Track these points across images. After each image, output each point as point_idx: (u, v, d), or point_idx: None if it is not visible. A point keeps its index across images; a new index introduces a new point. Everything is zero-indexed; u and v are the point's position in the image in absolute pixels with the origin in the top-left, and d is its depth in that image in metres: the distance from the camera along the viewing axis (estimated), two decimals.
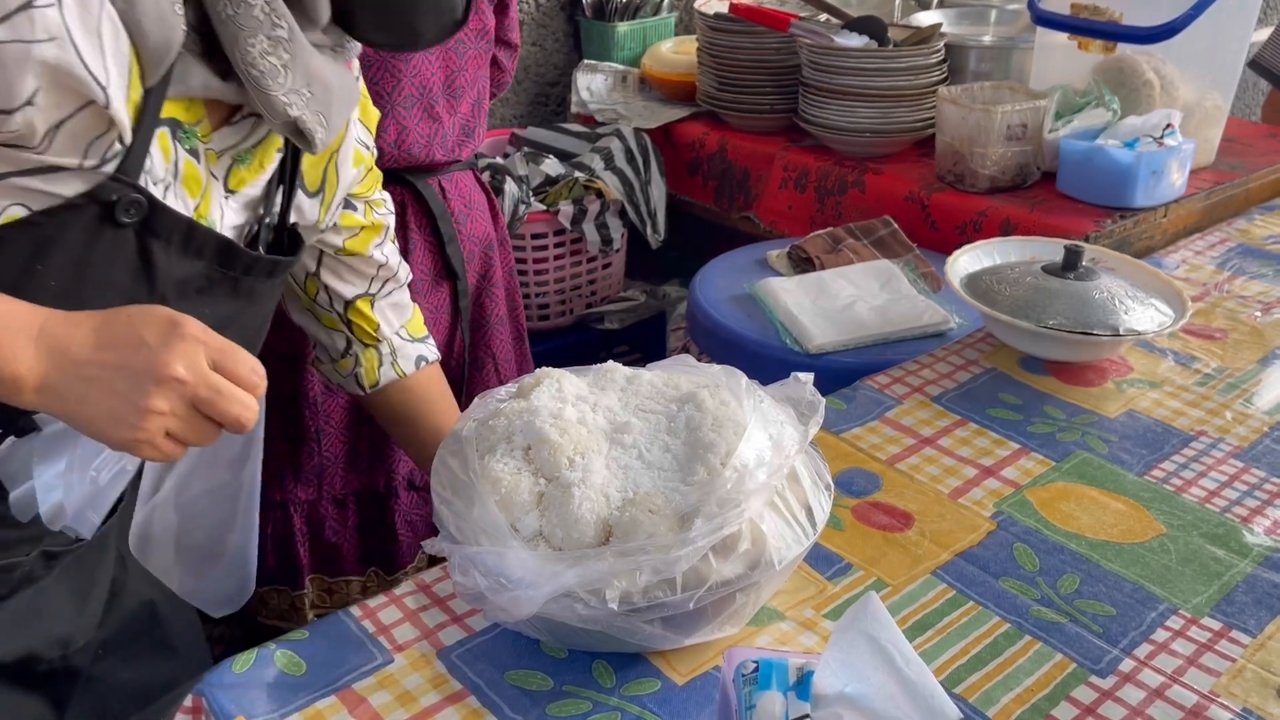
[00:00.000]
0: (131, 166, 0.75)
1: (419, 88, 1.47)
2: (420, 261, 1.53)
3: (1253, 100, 4.06)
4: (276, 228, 0.94)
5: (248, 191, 0.90)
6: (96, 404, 0.69)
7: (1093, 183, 1.76)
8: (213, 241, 0.84)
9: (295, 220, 0.96)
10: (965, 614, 0.93)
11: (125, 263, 0.78)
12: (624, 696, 0.83)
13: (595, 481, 0.82)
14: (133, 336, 0.69)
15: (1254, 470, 1.13)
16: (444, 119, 1.51)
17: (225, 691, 0.83)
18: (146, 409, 0.69)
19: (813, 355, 1.48)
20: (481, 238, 1.61)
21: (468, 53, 1.51)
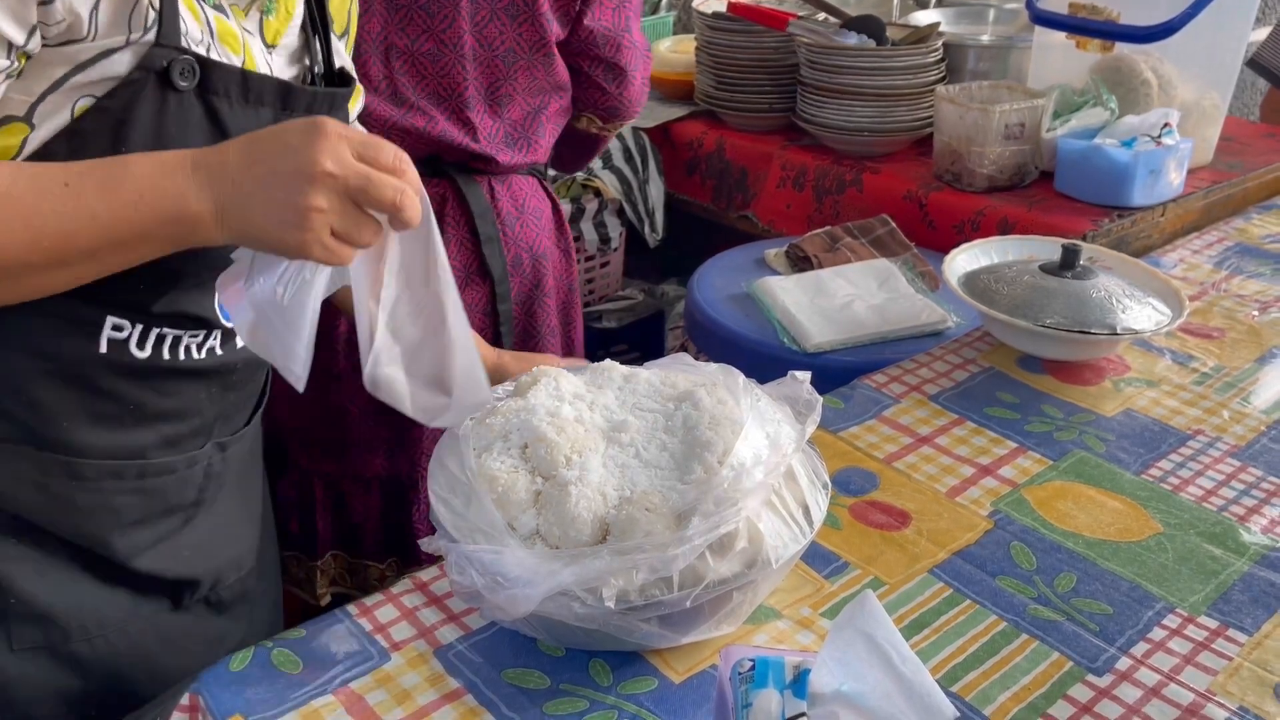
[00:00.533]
0: (169, 31, 0.78)
1: (447, 89, 1.43)
2: (454, 256, 1.51)
3: (1251, 100, 4.06)
4: (325, 75, 0.96)
5: (285, 43, 0.92)
6: (263, 215, 0.74)
7: (1090, 182, 1.76)
8: (270, 86, 0.87)
9: (340, 65, 0.99)
10: (962, 612, 0.93)
11: (197, 128, 0.82)
12: (621, 695, 0.83)
13: (592, 480, 0.82)
14: (278, 144, 0.74)
15: (1251, 469, 1.13)
16: (479, 123, 1.46)
17: (222, 689, 0.83)
18: (307, 208, 0.72)
19: (810, 354, 1.48)
20: (532, 245, 1.56)
21: (517, 63, 1.45)
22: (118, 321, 0.86)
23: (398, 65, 1.41)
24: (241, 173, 0.74)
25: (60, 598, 0.91)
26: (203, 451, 0.98)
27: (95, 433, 0.89)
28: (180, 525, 0.98)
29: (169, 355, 0.90)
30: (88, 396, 0.87)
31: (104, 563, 0.93)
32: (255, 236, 0.76)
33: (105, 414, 0.89)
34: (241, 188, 0.74)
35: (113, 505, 0.91)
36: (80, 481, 0.89)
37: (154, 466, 0.93)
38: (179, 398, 0.93)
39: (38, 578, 0.90)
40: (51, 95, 0.76)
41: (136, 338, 0.87)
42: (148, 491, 0.94)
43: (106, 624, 0.94)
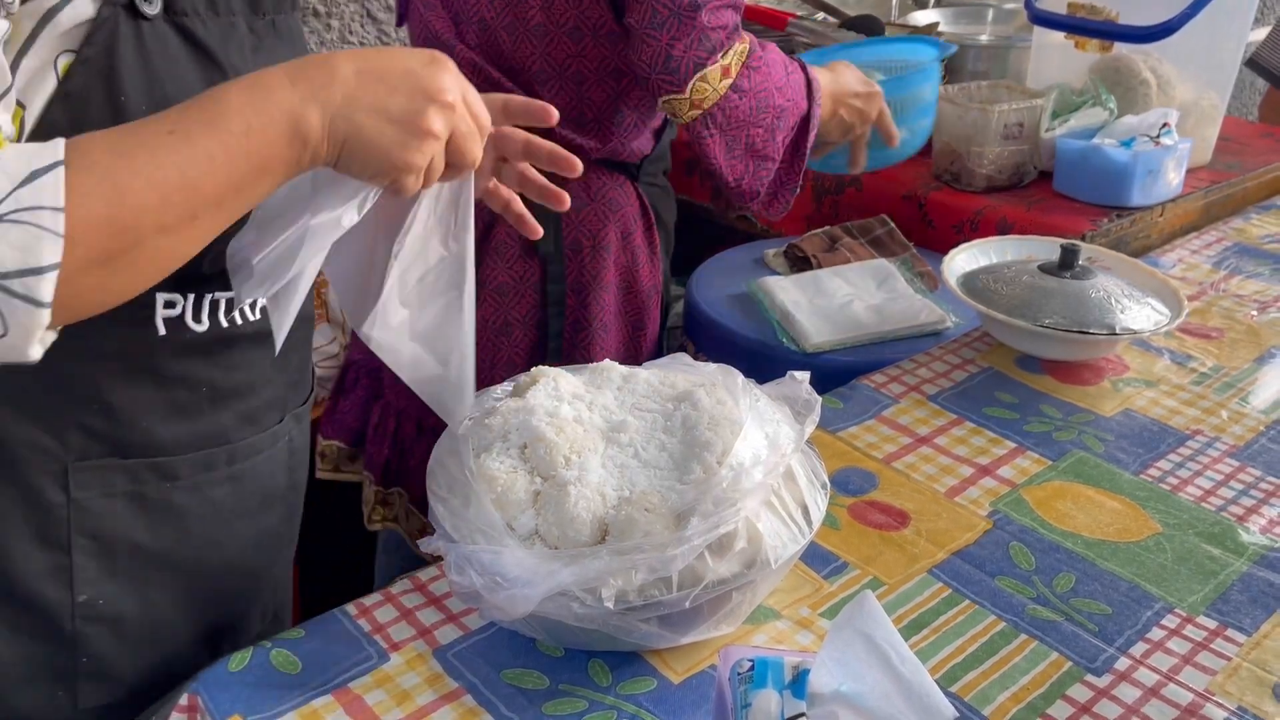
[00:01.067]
0: None
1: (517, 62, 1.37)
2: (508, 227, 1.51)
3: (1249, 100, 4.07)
4: None
5: None
6: (376, 128, 0.71)
7: (1089, 182, 1.76)
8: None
9: None
10: (961, 613, 0.93)
11: (182, 57, 0.78)
12: (620, 695, 0.83)
13: (591, 480, 0.82)
14: (397, 64, 0.72)
15: (1250, 469, 1.13)
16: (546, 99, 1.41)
17: (221, 690, 0.83)
18: (426, 129, 0.72)
19: (809, 354, 1.48)
20: (595, 234, 1.48)
21: (584, 39, 1.34)
22: (168, 297, 0.83)
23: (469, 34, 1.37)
24: (354, 83, 0.71)
25: (133, 652, 0.89)
26: (282, 426, 0.96)
27: (176, 425, 0.86)
28: (282, 514, 0.98)
29: (226, 322, 0.87)
30: (160, 388, 0.85)
31: (216, 572, 0.92)
32: (360, 151, 0.72)
33: (181, 403, 0.86)
34: (354, 98, 0.71)
35: (211, 500, 0.90)
36: (174, 482, 0.87)
37: (242, 449, 0.92)
38: (247, 369, 0.90)
39: (114, 640, 0.88)
40: (29, 58, 0.72)
41: (190, 310, 0.84)
42: (241, 479, 0.92)
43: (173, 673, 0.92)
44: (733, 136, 1.33)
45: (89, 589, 0.85)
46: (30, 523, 0.82)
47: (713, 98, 1.29)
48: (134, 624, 0.89)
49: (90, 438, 0.83)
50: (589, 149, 1.43)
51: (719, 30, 1.27)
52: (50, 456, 0.82)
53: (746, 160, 1.35)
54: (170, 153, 0.66)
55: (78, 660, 0.87)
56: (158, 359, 0.84)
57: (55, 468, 0.82)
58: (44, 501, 0.82)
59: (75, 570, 0.84)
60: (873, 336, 1.51)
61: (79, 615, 0.86)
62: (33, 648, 0.85)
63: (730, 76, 1.29)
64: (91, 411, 0.82)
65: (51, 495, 0.82)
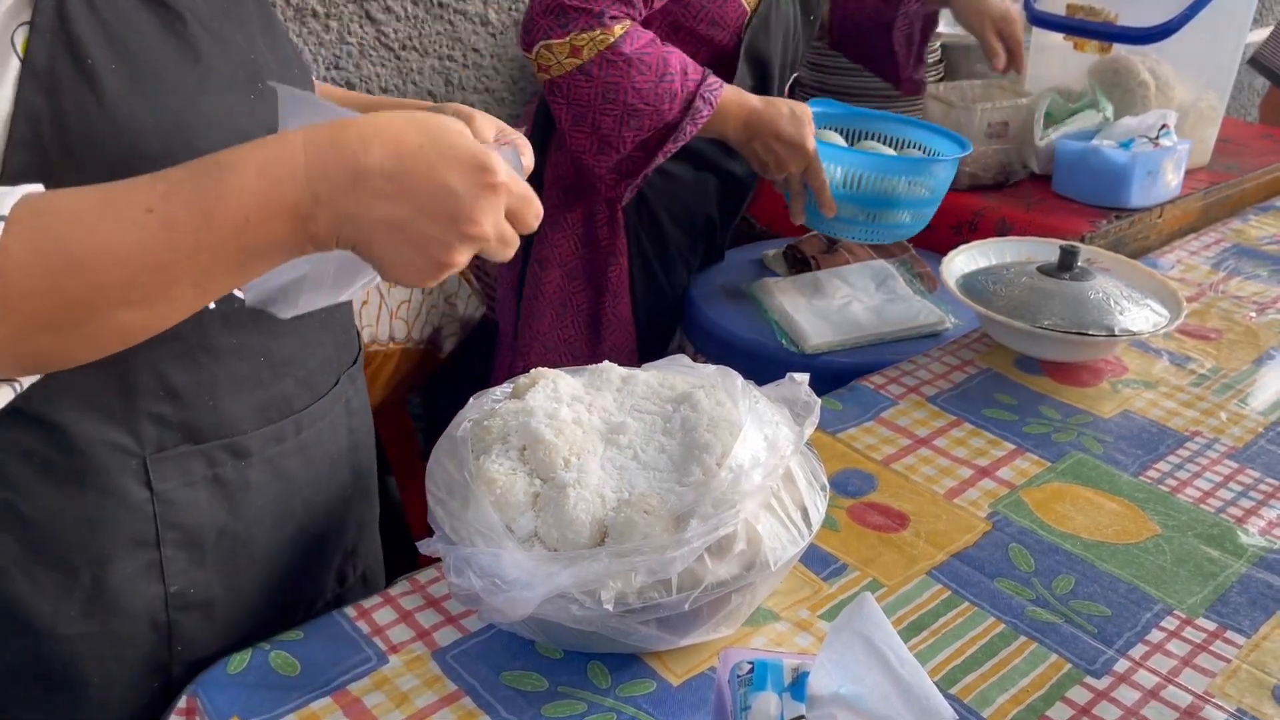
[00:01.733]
0: None
1: None
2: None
3: (1248, 100, 4.07)
4: None
5: None
6: (392, 253, 0.66)
7: (1088, 182, 1.76)
8: None
9: None
10: (960, 614, 0.93)
11: (136, 10, 0.73)
12: (619, 697, 0.83)
13: (590, 482, 0.82)
14: (437, 181, 0.65)
15: (1249, 471, 1.13)
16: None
17: (219, 691, 0.83)
18: (448, 264, 0.67)
19: (808, 355, 1.48)
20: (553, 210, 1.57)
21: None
22: None
23: None
24: (379, 193, 0.64)
25: (222, 635, 0.90)
26: (339, 388, 0.96)
27: (241, 400, 0.85)
28: (348, 478, 0.99)
29: None
30: (219, 363, 0.83)
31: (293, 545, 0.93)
32: (369, 256, 0.67)
33: (242, 376, 0.85)
34: (373, 209, 0.65)
35: (283, 472, 0.90)
36: (248, 459, 0.87)
37: (307, 417, 0.91)
38: (294, 335, 0.89)
39: (205, 625, 0.89)
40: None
41: None
42: (309, 447, 0.92)
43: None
44: (579, 113, 1.40)
45: (180, 579, 0.86)
46: (120, 525, 0.82)
47: (558, 70, 1.37)
48: (223, 607, 0.90)
49: (162, 427, 0.82)
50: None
51: (581, 13, 1.33)
52: (127, 454, 0.81)
53: (591, 140, 1.42)
54: (145, 235, 0.61)
55: (173, 650, 0.88)
56: (211, 333, 0.82)
57: (134, 464, 0.81)
58: (130, 501, 0.82)
59: (165, 563, 0.85)
60: (872, 338, 1.51)
61: (172, 606, 0.86)
62: (134, 645, 0.86)
63: (579, 58, 1.35)
64: (159, 399, 0.81)
65: (136, 493, 0.82)
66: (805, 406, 0.93)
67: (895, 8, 1.76)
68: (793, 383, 0.95)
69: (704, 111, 1.39)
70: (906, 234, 1.56)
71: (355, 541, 1.05)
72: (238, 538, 0.89)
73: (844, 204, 1.50)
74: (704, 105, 1.40)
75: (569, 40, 1.34)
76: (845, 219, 1.52)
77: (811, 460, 0.93)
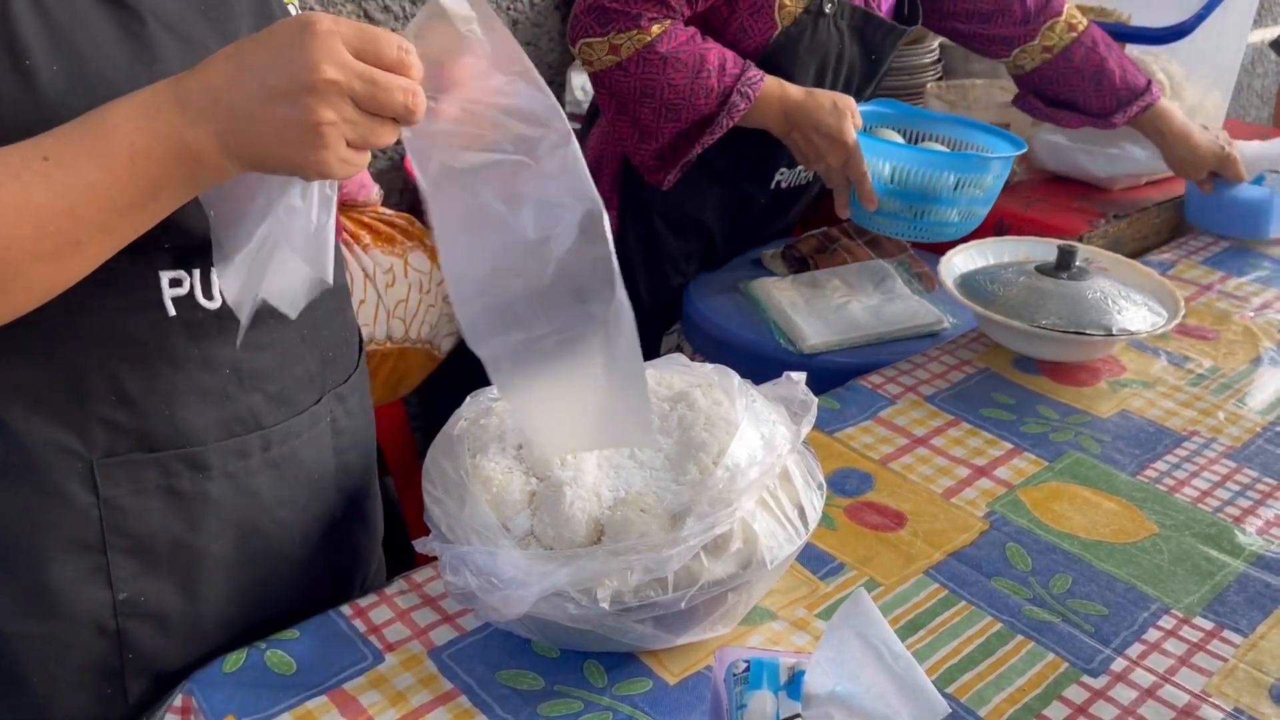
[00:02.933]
0: None
1: None
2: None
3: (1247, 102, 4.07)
4: None
5: None
6: (272, 138, 0.66)
7: (1224, 216, 1.73)
8: None
9: None
10: (957, 614, 0.92)
11: (90, 8, 0.72)
12: (615, 696, 0.83)
13: (587, 480, 0.82)
14: (266, 53, 0.65)
15: (1246, 470, 1.13)
16: None
17: (215, 690, 0.83)
18: (316, 123, 0.65)
19: (806, 355, 1.48)
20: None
21: None
22: (173, 275, 0.79)
23: None
24: (232, 93, 0.65)
25: (181, 646, 0.88)
26: (321, 406, 0.92)
27: (201, 411, 0.83)
28: (335, 500, 0.96)
29: None
30: (179, 373, 0.81)
31: (263, 564, 0.91)
32: (269, 162, 0.68)
33: (204, 387, 0.83)
34: (236, 111, 0.65)
35: (249, 489, 0.87)
36: (206, 472, 0.84)
37: (278, 434, 0.88)
38: (271, 348, 0.86)
39: (159, 635, 0.87)
40: None
41: (200, 286, 0.80)
42: (281, 465, 0.89)
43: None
44: (620, 104, 1.47)
45: (129, 587, 0.84)
46: (62, 527, 0.81)
47: (599, 65, 1.44)
48: (180, 620, 0.88)
49: (113, 432, 0.80)
50: None
51: (619, 15, 1.39)
52: (74, 456, 0.79)
53: (633, 129, 1.49)
54: (45, 182, 0.64)
55: (124, 658, 0.86)
56: (173, 342, 0.80)
57: (81, 467, 0.80)
58: (74, 503, 0.80)
59: (113, 569, 0.83)
60: (870, 337, 1.50)
61: (121, 613, 0.85)
62: (78, 648, 0.85)
63: (619, 55, 1.41)
64: (110, 404, 0.79)
65: (80, 496, 0.80)
66: (802, 405, 0.93)
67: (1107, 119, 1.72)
68: (790, 382, 0.95)
69: (740, 105, 1.44)
70: (955, 233, 1.53)
71: (349, 567, 1.02)
72: (195, 551, 0.86)
73: (889, 199, 1.49)
74: (741, 100, 1.43)
75: (608, 39, 1.40)
76: (889, 214, 1.51)
77: (809, 459, 0.93)
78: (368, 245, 1.88)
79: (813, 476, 0.91)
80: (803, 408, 0.93)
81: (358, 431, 0.99)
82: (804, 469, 0.91)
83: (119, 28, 0.73)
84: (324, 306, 0.90)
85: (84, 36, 0.71)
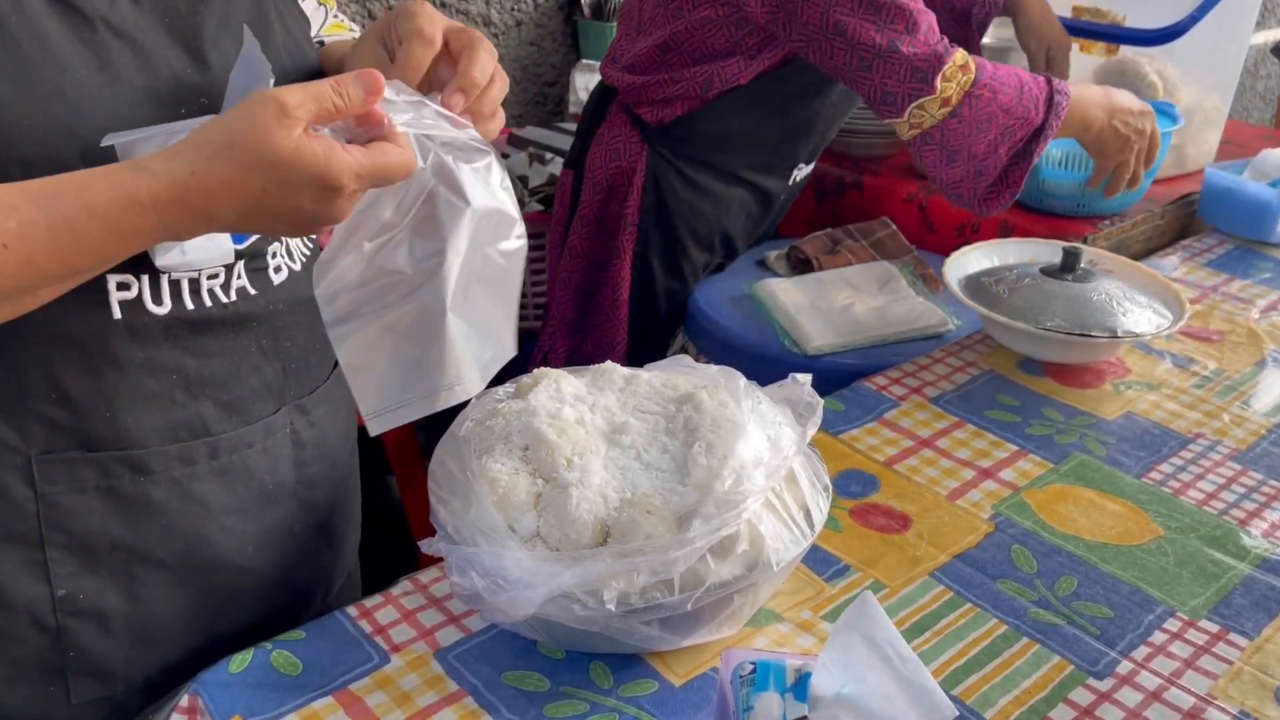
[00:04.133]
0: None
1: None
2: None
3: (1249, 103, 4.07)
4: None
5: None
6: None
7: (1234, 215, 1.75)
8: None
9: None
10: (963, 616, 0.92)
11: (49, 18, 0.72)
12: (621, 698, 0.83)
13: (593, 482, 0.82)
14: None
15: (1252, 473, 1.13)
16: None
17: (221, 691, 0.83)
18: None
19: (811, 356, 1.48)
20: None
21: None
22: (121, 278, 0.78)
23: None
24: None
25: (125, 647, 0.88)
26: (278, 417, 0.91)
27: (145, 415, 0.82)
28: (294, 512, 0.95)
29: (192, 304, 0.82)
30: (122, 375, 0.80)
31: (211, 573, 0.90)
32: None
33: (148, 392, 0.82)
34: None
35: (195, 496, 0.87)
36: (148, 475, 0.84)
37: (226, 442, 0.87)
38: (224, 356, 0.85)
39: (101, 635, 0.86)
40: None
41: (148, 291, 0.80)
42: (230, 473, 0.88)
43: (172, 670, 0.90)
44: (951, 154, 1.40)
45: (68, 584, 0.84)
46: (2, 519, 0.81)
47: (930, 122, 1.38)
48: (122, 620, 0.87)
49: (52, 430, 0.80)
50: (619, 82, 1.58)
51: (925, 58, 1.34)
52: (11, 450, 0.79)
53: (968, 169, 1.41)
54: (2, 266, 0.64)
55: (65, 655, 0.86)
56: (116, 345, 0.80)
57: (18, 461, 0.80)
58: (10, 496, 0.80)
59: (50, 565, 0.83)
60: (874, 339, 1.51)
61: (60, 610, 0.84)
62: (17, 643, 0.84)
63: (950, 106, 1.36)
64: (50, 401, 0.79)
65: (17, 490, 0.80)
66: (808, 407, 0.93)
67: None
68: (795, 383, 0.95)
69: (1064, 104, 1.41)
70: (1120, 206, 1.75)
71: (309, 582, 1.01)
72: (136, 553, 0.86)
73: (1057, 183, 1.68)
74: (1062, 98, 1.41)
75: (938, 95, 1.36)
76: (1061, 195, 1.72)
77: (814, 461, 0.93)
78: None
79: (818, 478, 0.91)
80: (808, 409, 0.93)
81: (324, 444, 0.98)
82: (810, 471, 0.91)
83: (69, 31, 0.73)
84: (287, 317, 0.90)
85: (30, 37, 0.71)
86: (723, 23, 1.48)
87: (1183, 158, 1.93)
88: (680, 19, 1.50)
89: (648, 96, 1.57)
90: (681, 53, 1.53)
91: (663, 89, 1.55)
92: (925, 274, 1.67)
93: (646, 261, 1.64)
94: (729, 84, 1.52)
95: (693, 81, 1.53)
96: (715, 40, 1.50)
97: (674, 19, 1.51)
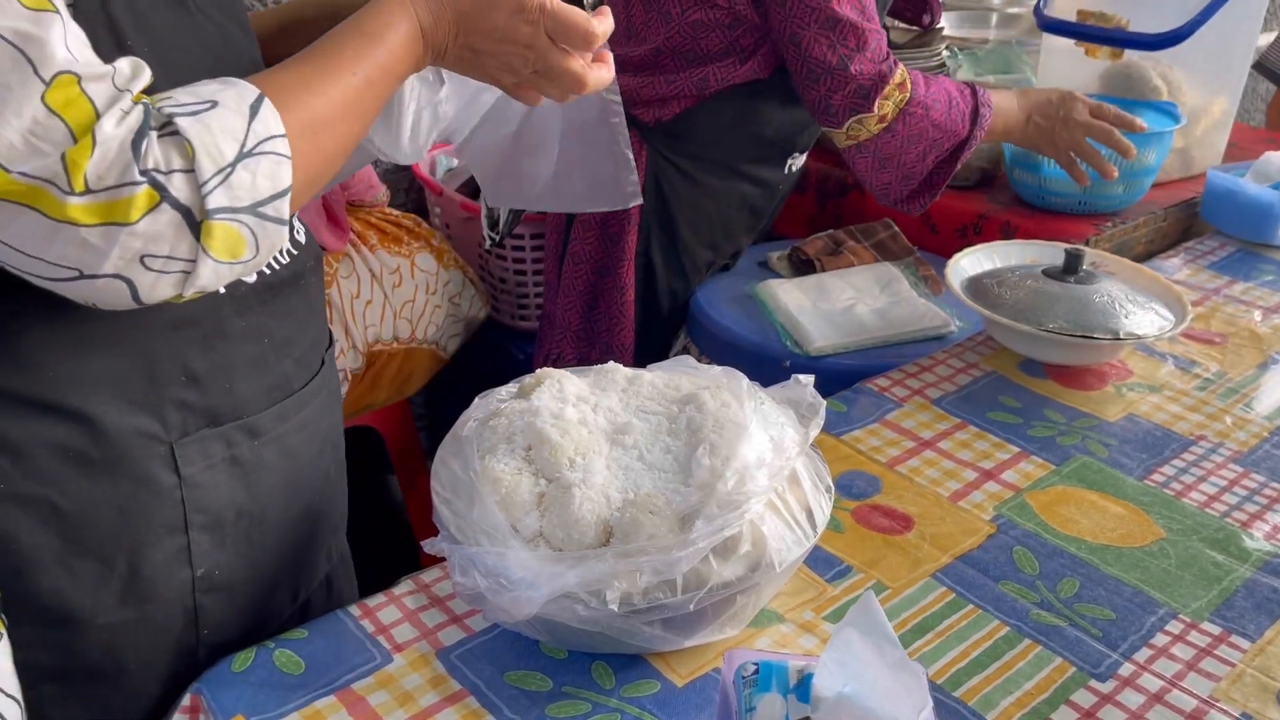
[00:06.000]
0: None
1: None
2: None
3: (1252, 105, 4.07)
4: None
5: None
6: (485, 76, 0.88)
7: (1235, 216, 1.75)
8: None
9: None
10: (965, 617, 0.92)
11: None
12: (624, 698, 0.83)
13: (596, 482, 0.82)
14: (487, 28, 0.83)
15: (1254, 475, 1.13)
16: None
17: (224, 690, 0.83)
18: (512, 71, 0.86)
19: (813, 357, 1.48)
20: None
21: None
22: None
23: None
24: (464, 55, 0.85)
25: (246, 616, 0.92)
26: (326, 367, 0.99)
27: (254, 381, 0.88)
28: (333, 457, 1.01)
29: (268, 270, 0.89)
30: (233, 346, 0.86)
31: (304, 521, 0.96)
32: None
33: (252, 357, 0.88)
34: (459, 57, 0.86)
35: (288, 450, 0.92)
36: (261, 439, 0.89)
37: (305, 396, 0.94)
38: (291, 314, 0.92)
39: (229, 608, 0.90)
40: None
41: None
42: (307, 426, 0.94)
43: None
44: (882, 161, 1.51)
45: (205, 562, 0.87)
46: (153, 512, 0.83)
47: (866, 135, 1.48)
48: (244, 588, 0.91)
49: (186, 412, 0.84)
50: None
51: (870, 77, 1.44)
52: (156, 440, 0.82)
53: (895, 174, 1.53)
54: (353, 91, 0.77)
55: (200, 634, 0.89)
56: (224, 317, 0.85)
57: (162, 450, 0.83)
58: (160, 487, 0.83)
59: (193, 547, 0.86)
60: (876, 340, 1.51)
61: (199, 590, 0.88)
62: (164, 633, 0.87)
63: (886, 122, 1.47)
64: (181, 385, 0.83)
65: (165, 479, 0.83)
66: (810, 408, 0.93)
67: None
68: (798, 384, 0.95)
69: (987, 115, 1.52)
70: (1120, 204, 1.76)
71: (338, 518, 1.07)
72: (253, 517, 0.90)
73: (1056, 180, 1.69)
74: (986, 110, 1.52)
75: (875, 113, 1.46)
76: (1061, 192, 1.73)
77: (816, 462, 0.93)
78: (374, 246, 1.88)
79: (821, 479, 0.91)
80: (811, 410, 0.93)
81: (339, 389, 1.06)
82: (812, 471, 0.91)
83: (178, 12, 0.80)
84: (311, 277, 0.97)
85: (158, 23, 0.77)
86: (715, 25, 1.49)
87: (1189, 161, 1.93)
88: (671, 23, 1.50)
89: (643, 97, 1.57)
90: (676, 56, 1.53)
91: (658, 89, 1.55)
92: (927, 275, 1.67)
93: (649, 261, 1.64)
94: (725, 82, 1.52)
95: (689, 82, 1.53)
96: (709, 43, 1.51)
97: (665, 23, 1.51)
